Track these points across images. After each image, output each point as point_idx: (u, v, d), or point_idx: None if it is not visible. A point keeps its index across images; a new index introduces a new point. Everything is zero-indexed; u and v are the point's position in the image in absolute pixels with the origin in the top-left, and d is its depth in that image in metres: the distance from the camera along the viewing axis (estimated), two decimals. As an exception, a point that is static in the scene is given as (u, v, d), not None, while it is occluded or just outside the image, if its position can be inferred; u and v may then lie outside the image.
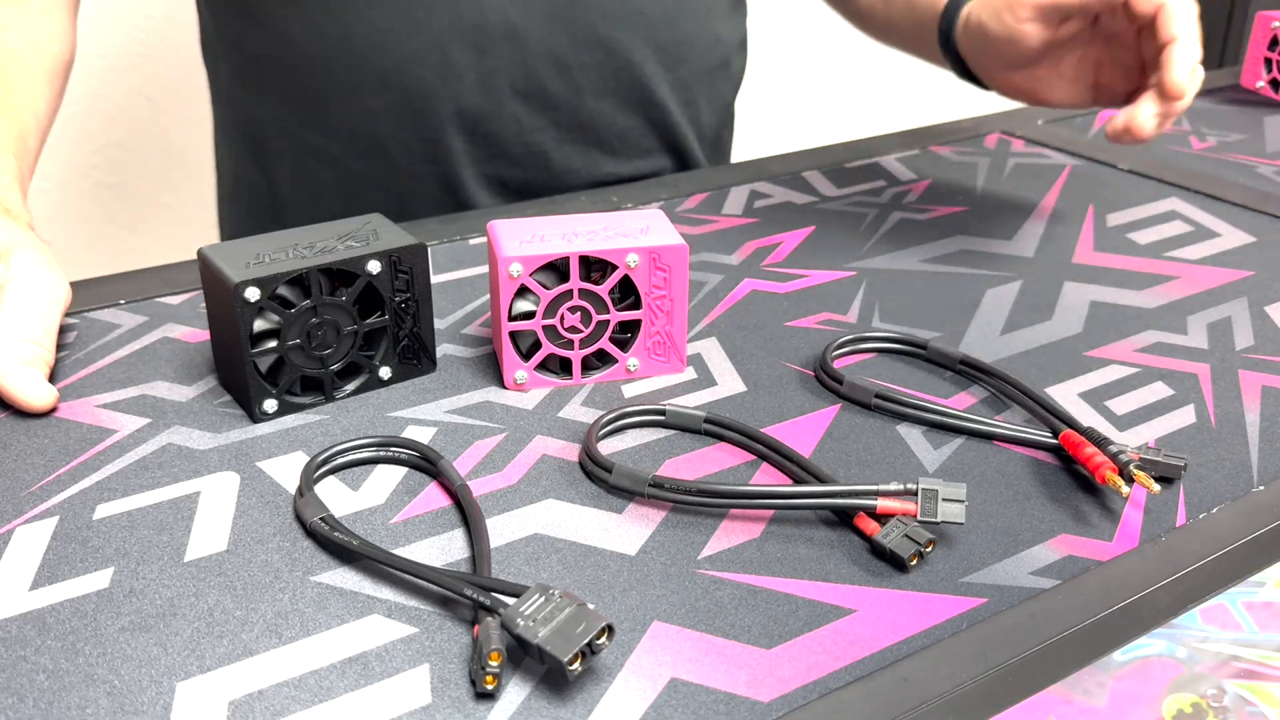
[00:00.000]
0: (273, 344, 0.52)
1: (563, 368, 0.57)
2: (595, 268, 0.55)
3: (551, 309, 0.54)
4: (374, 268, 0.53)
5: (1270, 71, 1.06)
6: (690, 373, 0.58)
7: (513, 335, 0.55)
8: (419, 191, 0.85)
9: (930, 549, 0.44)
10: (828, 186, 0.84)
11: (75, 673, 0.39)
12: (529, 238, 0.54)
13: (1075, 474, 0.50)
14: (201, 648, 0.40)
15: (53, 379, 0.56)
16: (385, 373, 0.56)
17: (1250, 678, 0.40)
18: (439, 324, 0.63)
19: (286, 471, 0.49)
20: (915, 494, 0.45)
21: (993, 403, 0.56)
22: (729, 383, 0.57)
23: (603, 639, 0.38)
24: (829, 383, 0.56)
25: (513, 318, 0.55)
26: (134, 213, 1.50)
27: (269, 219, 0.89)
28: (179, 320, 0.63)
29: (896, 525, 0.45)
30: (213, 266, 0.52)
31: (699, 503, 0.47)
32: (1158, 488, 0.46)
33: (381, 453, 0.50)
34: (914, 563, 0.44)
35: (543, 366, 0.56)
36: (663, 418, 0.53)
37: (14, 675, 0.39)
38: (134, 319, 0.63)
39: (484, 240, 0.74)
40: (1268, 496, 0.49)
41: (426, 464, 0.49)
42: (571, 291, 0.54)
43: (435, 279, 0.68)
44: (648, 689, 0.38)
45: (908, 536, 0.44)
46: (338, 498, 0.48)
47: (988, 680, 0.39)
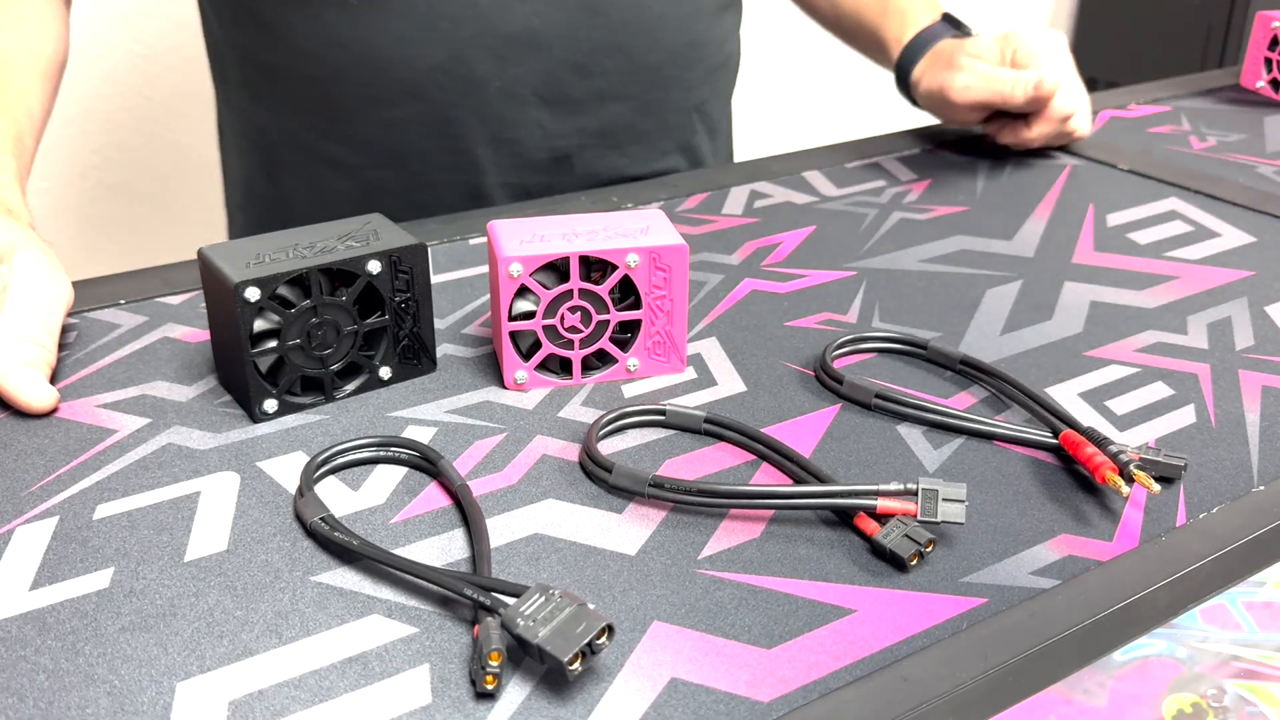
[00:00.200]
0: (273, 344, 0.52)
1: (563, 368, 0.57)
2: (595, 268, 0.55)
3: (551, 309, 0.54)
4: (374, 268, 0.53)
5: (1270, 71, 1.06)
6: (690, 373, 0.58)
7: (513, 335, 0.55)
8: (440, 200, 0.85)
9: (930, 549, 0.44)
10: (828, 186, 0.84)
11: (75, 673, 0.39)
12: (529, 238, 0.54)
13: (1075, 474, 0.50)
14: (201, 648, 0.40)
15: (53, 379, 0.56)
16: (385, 373, 0.56)
17: (1250, 678, 0.40)
18: (439, 324, 0.63)
19: (286, 471, 0.49)
20: (915, 494, 0.45)
21: (993, 403, 0.56)
22: (729, 383, 0.57)
23: (603, 639, 0.38)
24: (829, 383, 0.56)
25: (513, 318, 0.55)
26: (134, 213, 1.50)
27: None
28: (179, 320, 0.63)
29: (896, 525, 0.44)
30: (213, 266, 0.52)
31: (699, 503, 0.47)
32: (1158, 488, 0.46)
33: (381, 453, 0.50)
34: (914, 563, 0.44)
35: (543, 366, 0.56)
36: (663, 418, 0.53)
37: (14, 675, 0.39)
38: (134, 319, 0.63)
39: (484, 240, 0.74)
40: (1268, 496, 0.49)
41: (426, 464, 0.49)
42: (571, 291, 0.54)
43: (435, 279, 0.68)
44: (648, 689, 0.38)
45: (908, 536, 0.44)
46: (338, 498, 0.48)
47: (988, 680, 0.39)
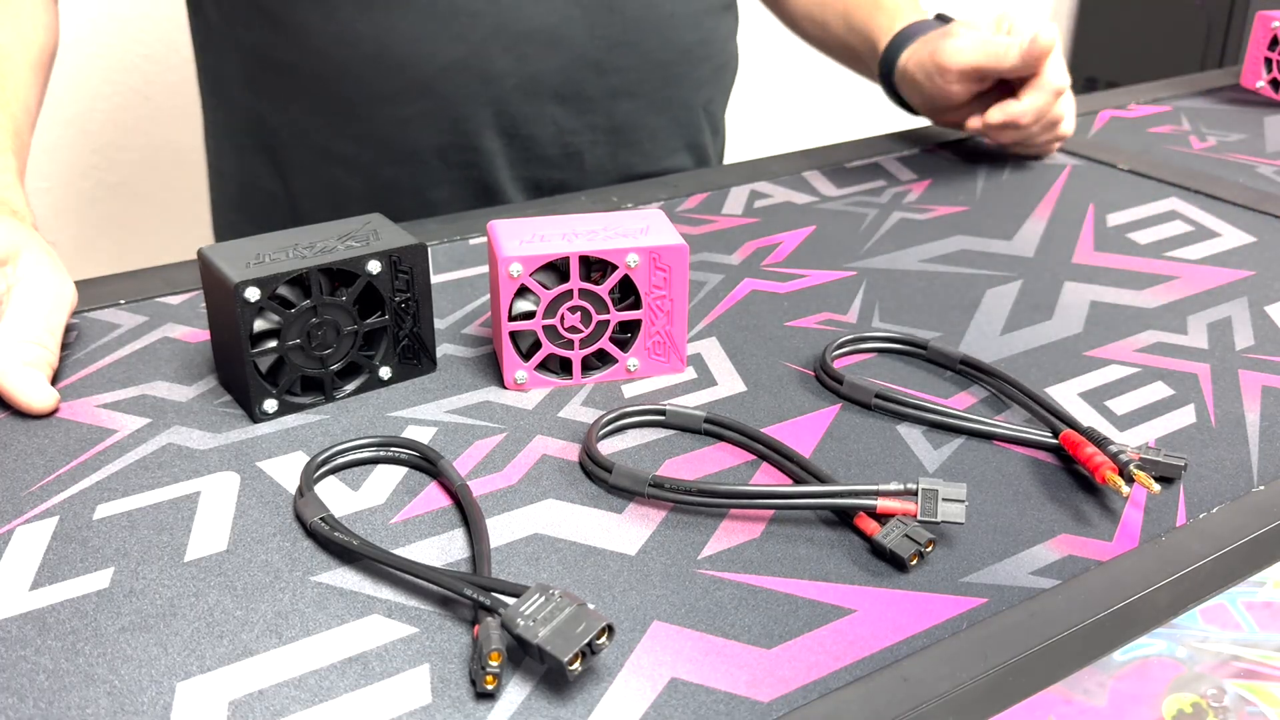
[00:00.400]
0: (273, 344, 0.52)
1: (563, 368, 0.57)
2: (595, 268, 0.55)
3: (551, 309, 0.54)
4: (374, 268, 0.53)
5: (1270, 71, 1.06)
6: (690, 373, 0.58)
7: (513, 335, 0.55)
8: (453, 197, 0.85)
9: (930, 549, 0.44)
10: (828, 186, 0.84)
11: (75, 673, 0.39)
12: (529, 238, 0.54)
13: (1075, 474, 0.50)
14: (201, 648, 0.40)
15: (54, 379, 0.56)
16: (385, 373, 0.56)
17: (1250, 678, 0.40)
18: (439, 324, 0.63)
19: (286, 471, 0.49)
20: (915, 494, 0.45)
21: (993, 403, 0.56)
22: (729, 383, 0.57)
23: (603, 639, 0.38)
24: (829, 383, 0.56)
25: (513, 318, 0.55)
26: (134, 213, 1.50)
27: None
28: (179, 320, 0.63)
29: (896, 525, 0.44)
30: (213, 266, 0.52)
31: (699, 503, 0.47)
32: (1158, 488, 0.46)
33: (381, 453, 0.50)
34: (914, 563, 0.44)
35: (543, 366, 0.56)
36: (663, 418, 0.53)
37: (14, 675, 0.39)
38: (134, 319, 0.63)
39: (484, 240, 0.74)
40: (1268, 496, 0.49)
41: (426, 464, 0.49)
42: (571, 291, 0.54)
43: (435, 279, 0.68)
44: (648, 689, 0.38)
45: (908, 536, 0.44)
46: (338, 498, 0.48)
47: (988, 680, 0.39)
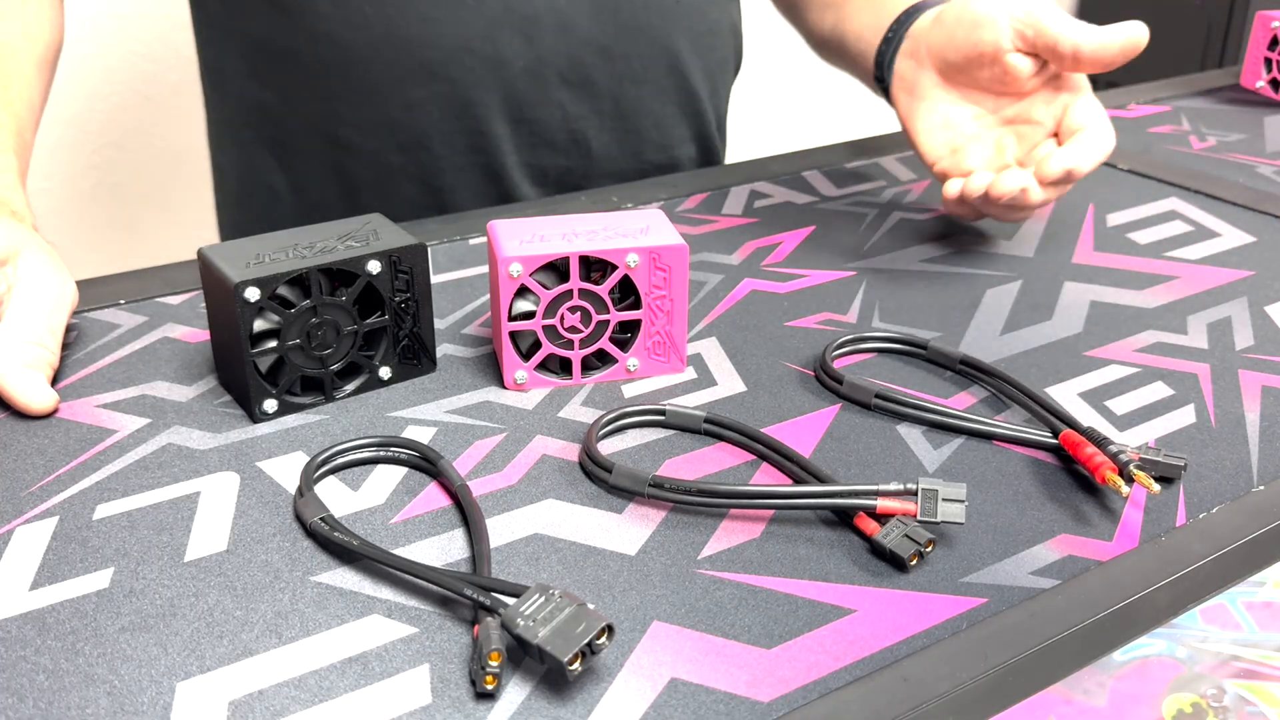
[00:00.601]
0: (273, 344, 0.52)
1: (563, 368, 0.57)
2: (595, 268, 0.55)
3: (551, 309, 0.54)
4: (374, 268, 0.53)
5: (1270, 71, 1.06)
6: (690, 373, 0.58)
7: (513, 335, 0.55)
8: (460, 183, 0.85)
9: (930, 549, 0.44)
10: (828, 186, 0.84)
11: (75, 673, 0.39)
12: (529, 238, 0.54)
13: (1075, 474, 0.50)
14: (201, 648, 0.40)
15: (53, 379, 0.56)
16: (385, 373, 0.56)
17: (1250, 678, 0.40)
18: (439, 324, 0.63)
19: (286, 471, 0.49)
20: (915, 494, 0.45)
21: (993, 403, 0.56)
22: (729, 383, 0.57)
23: (603, 639, 0.38)
24: (829, 383, 0.56)
25: (513, 318, 0.55)
26: (134, 213, 1.50)
27: (290, 221, 0.87)
28: (179, 320, 0.63)
29: (896, 525, 0.44)
30: (213, 266, 0.52)
31: (699, 503, 0.47)
32: (1158, 488, 0.46)
33: (381, 453, 0.50)
34: (914, 563, 0.44)
35: (543, 366, 0.56)
36: (663, 418, 0.53)
37: (14, 675, 0.39)
38: (134, 319, 0.63)
39: (484, 240, 0.74)
40: (1268, 496, 0.49)
41: (426, 464, 0.49)
42: (571, 291, 0.54)
43: (435, 279, 0.68)
44: (648, 689, 0.38)
45: (908, 536, 0.44)
46: (338, 498, 0.48)
47: (988, 680, 0.39)
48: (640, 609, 0.42)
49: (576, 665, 0.37)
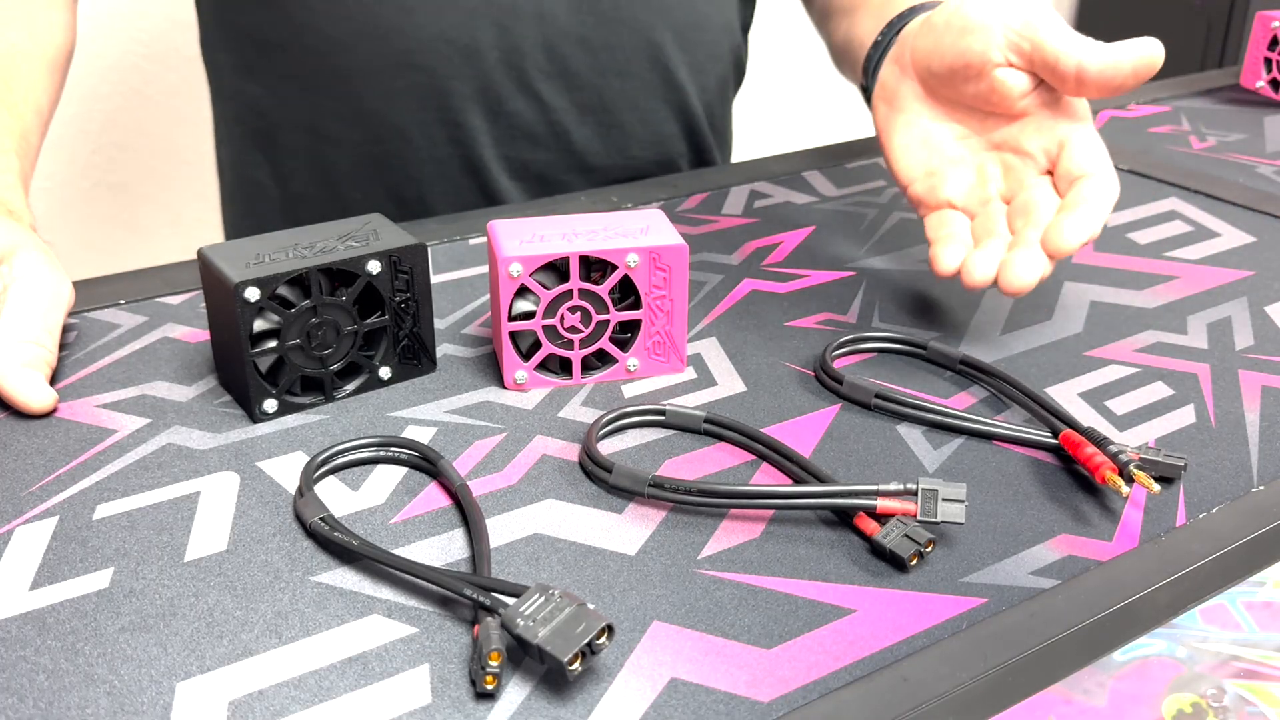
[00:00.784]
0: (273, 344, 0.52)
1: (563, 368, 0.57)
2: (595, 268, 0.55)
3: (551, 309, 0.54)
4: (374, 268, 0.53)
5: (1270, 71, 1.06)
6: (690, 373, 0.58)
7: (513, 335, 0.55)
8: (440, 175, 0.84)
9: (930, 549, 0.44)
10: (828, 186, 0.84)
11: (75, 673, 0.39)
12: (529, 238, 0.54)
13: (1075, 474, 0.50)
14: (201, 648, 0.40)
15: (53, 379, 0.56)
16: (385, 373, 0.56)
17: (1250, 678, 0.40)
18: (439, 324, 0.63)
19: (286, 471, 0.49)
20: (915, 494, 0.45)
21: (993, 403, 0.56)
22: (729, 383, 0.57)
23: (603, 639, 0.38)
24: (829, 383, 0.56)
25: (513, 318, 0.55)
26: (134, 213, 1.50)
27: (277, 216, 0.88)
28: (179, 320, 0.63)
29: (896, 525, 0.44)
30: (213, 266, 0.52)
31: (699, 503, 0.47)
32: (1158, 488, 0.46)
33: (381, 453, 0.50)
34: (914, 563, 0.44)
35: (543, 366, 0.56)
36: (663, 418, 0.53)
37: (14, 675, 0.39)
38: (134, 319, 0.63)
39: (484, 240, 0.74)
40: (1268, 496, 0.49)
41: (426, 464, 0.50)
42: (571, 291, 0.54)
43: (435, 279, 0.68)
44: (648, 689, 0.38)
45: (908, 536, 0.44)
46: (338, 498, 0.48)
47: (988, 680, 0.39)
48: (640, 609, 0.42)
49: (576, 665, 0.37)
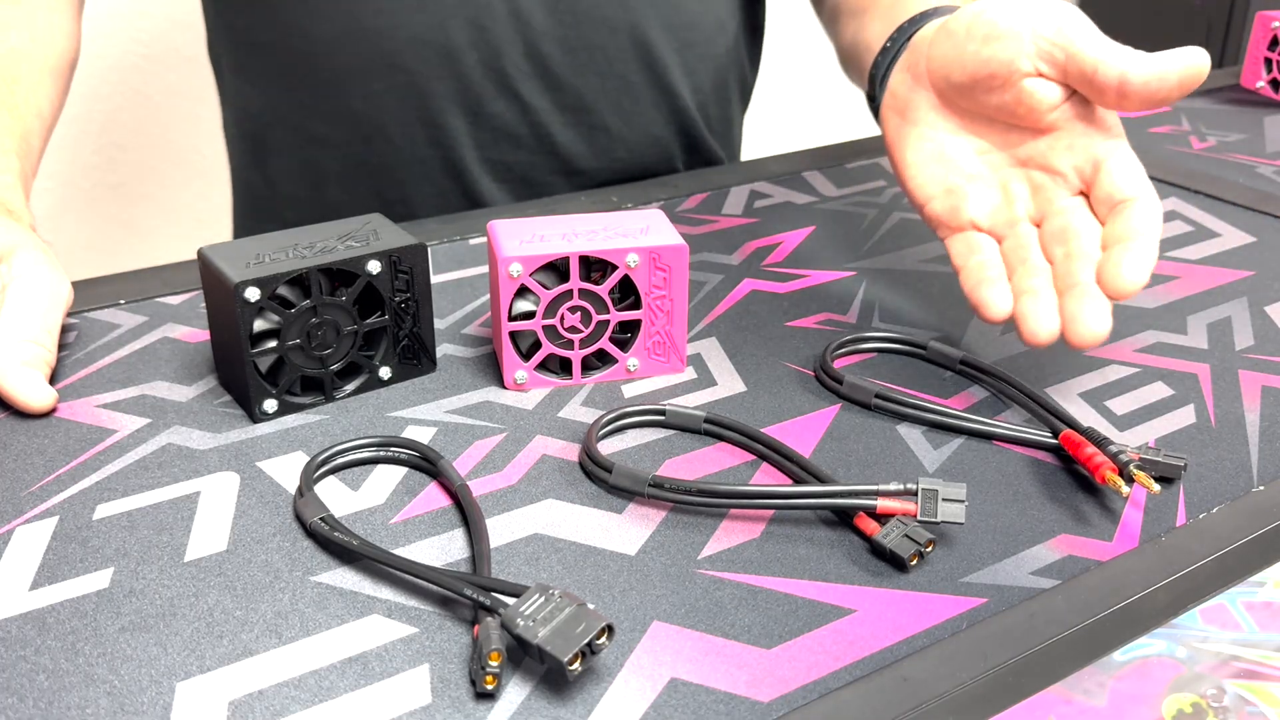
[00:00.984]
0: (273, 344, 0.52)
1: (563, 368, 0.57)
2: (595, 268, 0.55)
3: (551, 309, 0.54)
4: (374, 268, 0.53)
5: (1270, 71, 1.06)
6: (690, 373, 0.58)
7: (513, 335, 0.55)
8: (422, 178, 0.84)
9: (930, 549, 0.44)
10: (828, 186, 0.84)
11: (75, 673, 0.39)
12: (529, 238, 0.54)
13: (1075, 474, 0.50)
14: (201, 648, 0.40)
15: (53, 379, 0.56)
16: (385, 373, 0.56)
17: (1250, 678, 0.40)
18: (439, 324, 0.63)
19: (286, 471, 0.49)
20: (915, 494, 0.45)
21: (993, 403, 0.56)
22: (729, 383, 0.57)
23: (603, 639, 0.38)
24: (829, 383, 0.56)
25: (513, 318, 0.55)
26: (134, 213, 1.50)
27: (269, 216, 0.88)
28: (179, 320, 0.63)
29: (896, 525, 0.44)
30: (213, 266, 0.52)
31: (699, 503, 0.47)
32: (1158, 488, 0.46)
33: (381, 453, 0.50)
34: (914, 563, 0.44)
35: (543, 366, 0.56)
36: (663, 418, 0.53)
37: (14, 675, 0.39)
38: (134, 319, 0.63)
39: (484, 240, 0.74)
40: (1268, 496, 0.49)
41: (426, 464, 0.49)
42: (571, 291, 0.54)
43: (435, 279, 0.68)
44: (648, 689, 0.38)
45: (908, 536, 0.44)
46: (338, 498, 0.48)
47: (988, 680, 0.39)
48: (640, 609, 0.42)
49: (576, 665, 0.37)
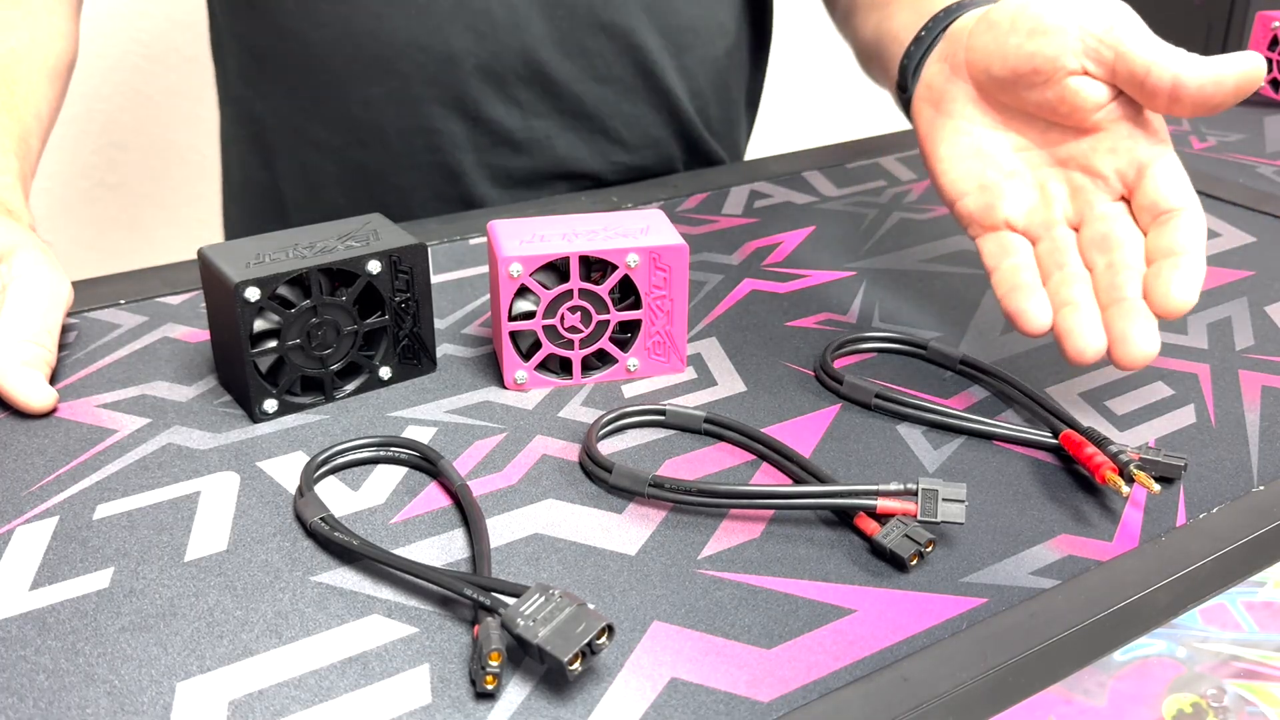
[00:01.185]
0: (273, 344, 0.52)
1: (563, 368, 0.57)
2: (595, 268, 0.55)
3: (551, 309, 0.54)
4: (374, 268, 0.53)
5: (1270, 71, 1.06)
6: (690, 373, 0.58)
7: (513, 335, 0.55)
8: (420, 183, 0.84)
9: (930, 549, 0.44)
10: (828, 186, 0.84)
11: (75, 673, 0.39)
12: (529, 238, 0.54)
13: (1075, 474, 0.50)
14: (201, 648, 0.40)
15: (53, 379, 0.56)
16: (385, 373, 0.56)
17: (1250, 678, 0.40)
18: (439, 324, 0.63)
19: (286, 471, 0.49)
20: (915, 494, 0.45)
21: (993, 403, 0.56)
22: (729, 383, 0.57)
23: (603, 639, 0.38)
24: (829, 383, 0.56)
25: (513, 318, 0.55)
26: (134, 213, 1.50)
27: (273, 217, 0.88)
28: (179, 320, 0.63)
29: (896, 525, 0.44)
30: (213, 266, 0.52)
31: (699, 503, 0.47)
32: (1158, 488, 0.46)
33: (381, 453, 0.50)
34: (914, 563, 0.44)
35: (543, 366, 0.56)
36: (663, 418, 0.53)
37: (14, 675, 0.39)
38: (134, 319, 0.63)
39: (484, 240, 0.74)
40: (1268, 496, 0.49)
41: (426, 464, 0.49)
42: (571, 291, 0.54)
43: (435, 279, 0.68)
44: (648, 689, 0.38)
45: (908, 536, 0.44)
46: (338, 498, 0.48)
47: (988, 680, 0.39)
48: (640, 609, 0.42)
49: (576, 665, 0.37)
